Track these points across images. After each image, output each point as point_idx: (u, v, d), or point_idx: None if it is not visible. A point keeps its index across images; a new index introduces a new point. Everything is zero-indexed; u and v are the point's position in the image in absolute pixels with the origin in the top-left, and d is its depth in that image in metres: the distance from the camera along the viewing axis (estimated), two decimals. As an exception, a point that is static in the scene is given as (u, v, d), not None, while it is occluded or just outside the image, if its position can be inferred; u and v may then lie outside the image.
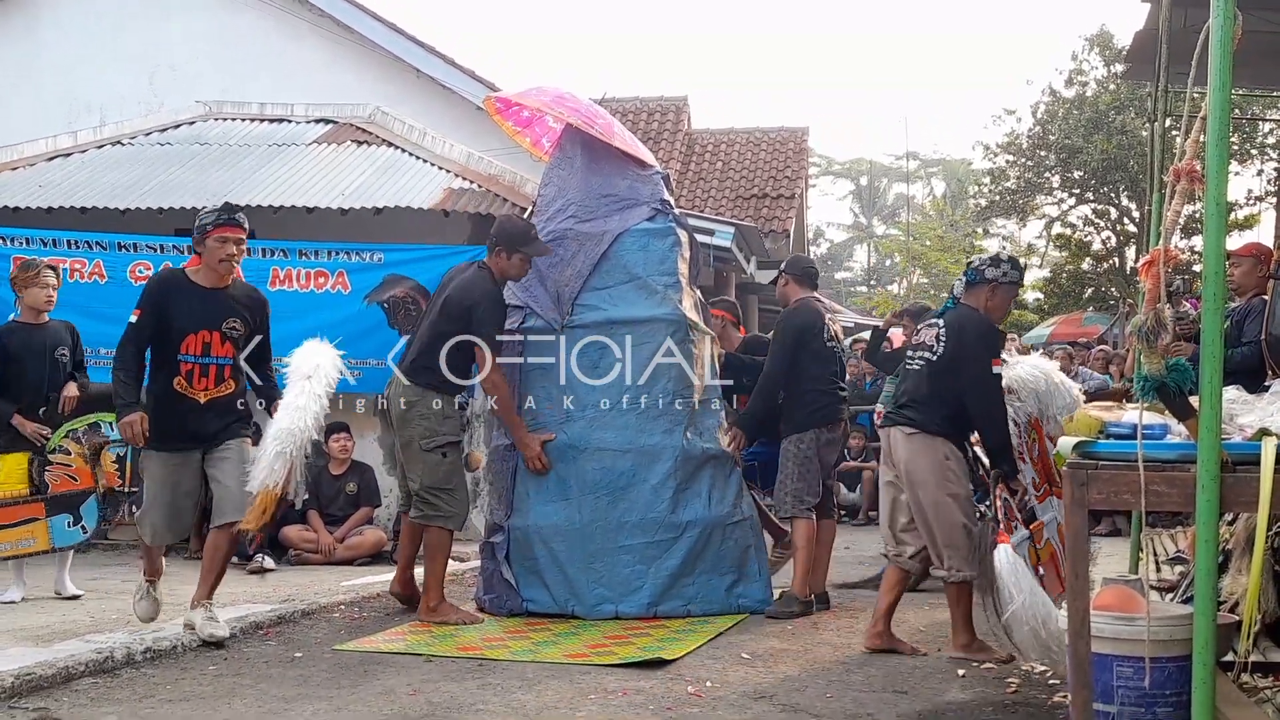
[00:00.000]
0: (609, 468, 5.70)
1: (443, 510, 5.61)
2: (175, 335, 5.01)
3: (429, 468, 5.62)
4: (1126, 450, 2.99)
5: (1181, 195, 2.97)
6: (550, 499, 5.73)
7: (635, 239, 5.99)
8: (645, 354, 5.80)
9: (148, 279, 6.02)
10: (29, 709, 3.93)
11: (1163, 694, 2.99)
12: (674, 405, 5.82)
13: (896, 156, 44.20)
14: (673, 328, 5.88)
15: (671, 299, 5.94)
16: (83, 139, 10.05)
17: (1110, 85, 23.50)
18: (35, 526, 5.85)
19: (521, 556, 5.74)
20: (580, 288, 5.91)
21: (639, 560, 5.62)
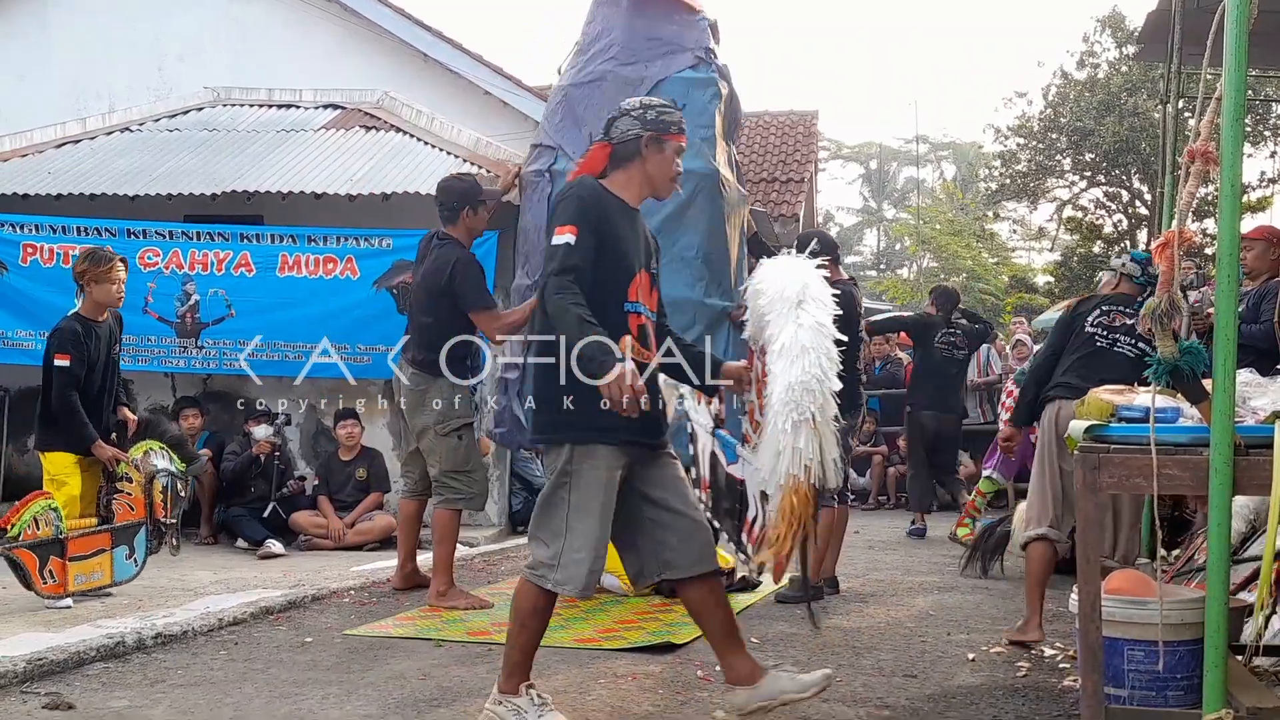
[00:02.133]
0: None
1: (463, 492, 5.69)
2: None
3: (447, 452, 5.66)
4: (1139, 434, 2.97)
5: (1196, 177, 2.95)
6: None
7: (676, 87, 5.71)
8: (673, 205, 5.50)
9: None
10: (40, 693, 3.94)
11: (1174, 677, 2.98)
12: (698, 260, 5.65)
13: (906, 140, 44.07)
14: (703, 182, 5.64)
15: (705, 154, 5.69)
16: (91, 126, 10.07)
17: (1122, 67, 23.35)
18: (103, 559, 5.59)
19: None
20: None
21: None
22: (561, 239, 3.37)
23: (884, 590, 6.38)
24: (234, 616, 5.22)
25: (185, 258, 8.30)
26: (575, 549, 3.40)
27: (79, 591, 5.46)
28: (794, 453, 3.17)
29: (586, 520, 3.41)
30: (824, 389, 3.19)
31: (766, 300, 3.39)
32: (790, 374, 3.21)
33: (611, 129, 3.59)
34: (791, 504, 3.18)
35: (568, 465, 3.42)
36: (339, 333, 8.03)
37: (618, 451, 3.43)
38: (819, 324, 3.28)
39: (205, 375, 8.71)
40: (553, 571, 3.43)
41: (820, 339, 3.24)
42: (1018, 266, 31.23)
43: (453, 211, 5.70)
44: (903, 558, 7.93)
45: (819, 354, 3.23)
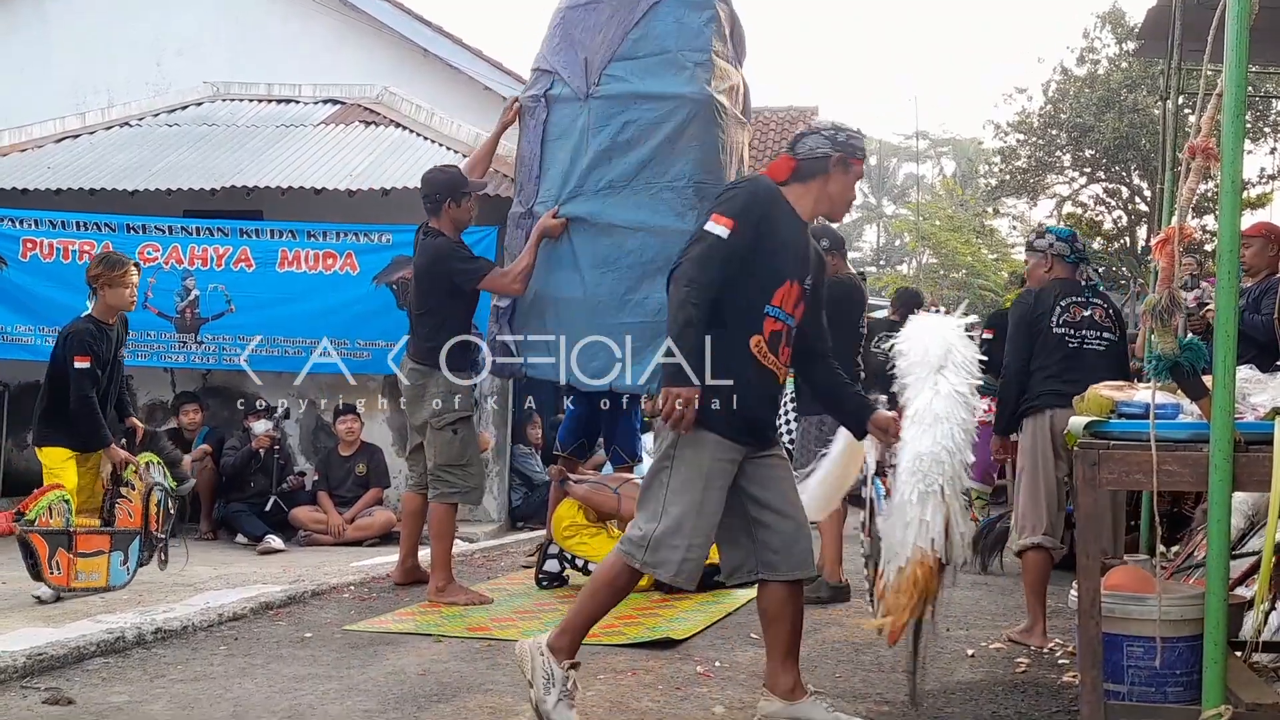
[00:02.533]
0: (618, 244, 5.38)
1: (458, 486, 5.69)
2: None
3: (443, 445, 5.68)
4: (1139, 430, 2.97)
5: (1197, 173, 2.94)
6: (559, 268, 5.51)
7: (670, 9, 5.56)
8: (664, 132, 5.40)
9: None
10: (40, 688, 3.94)
11: (1173, 673, 2.98)
12: (689, 189, 5.39)
13: (906, 136, 44.03)
14: (696, 108, 5.42)
15: (700, 78, 5.48)
16: (90, 120, 10.06)
17: (1122, 63, 23.33)
18: (101, 561, 5.60)
19: (526, 322, 5.58)
20: (610, 56, 5.52)
21: (637, 340, 5.31)
22: (716, 229, 3.40)
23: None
24: (234, 612, 5.22)
25: (185, 253, 8.30)
26: (670, 533, 3.38)
27: (80, 589, 5.46)
28: (921, 525, 3.09)
29: (684, 505, 3.38)
30: (955, 461, 3.09)
31: (908, 362, 3.28)
32: (921, 443, 3.12)
33: (798, 144, 3.61)
34: (916, 576, 3.12)
35: (671, 448, 3.42)
36: (339, 328, 8.03)
37: (725, 443, 3.40)
38: (957, 392, 3.17)
39: (205, 370, 8.72)
40: (642, 552, 3.42)
41: (956, 408, 3.14)
42: (1017, 263, 31.15)
43: (436, 203, 5.74)
44: (902, 554, 7.92)
45: (953, 424, 3.12)
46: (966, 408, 3.12)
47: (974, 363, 3.23)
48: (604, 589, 3.52)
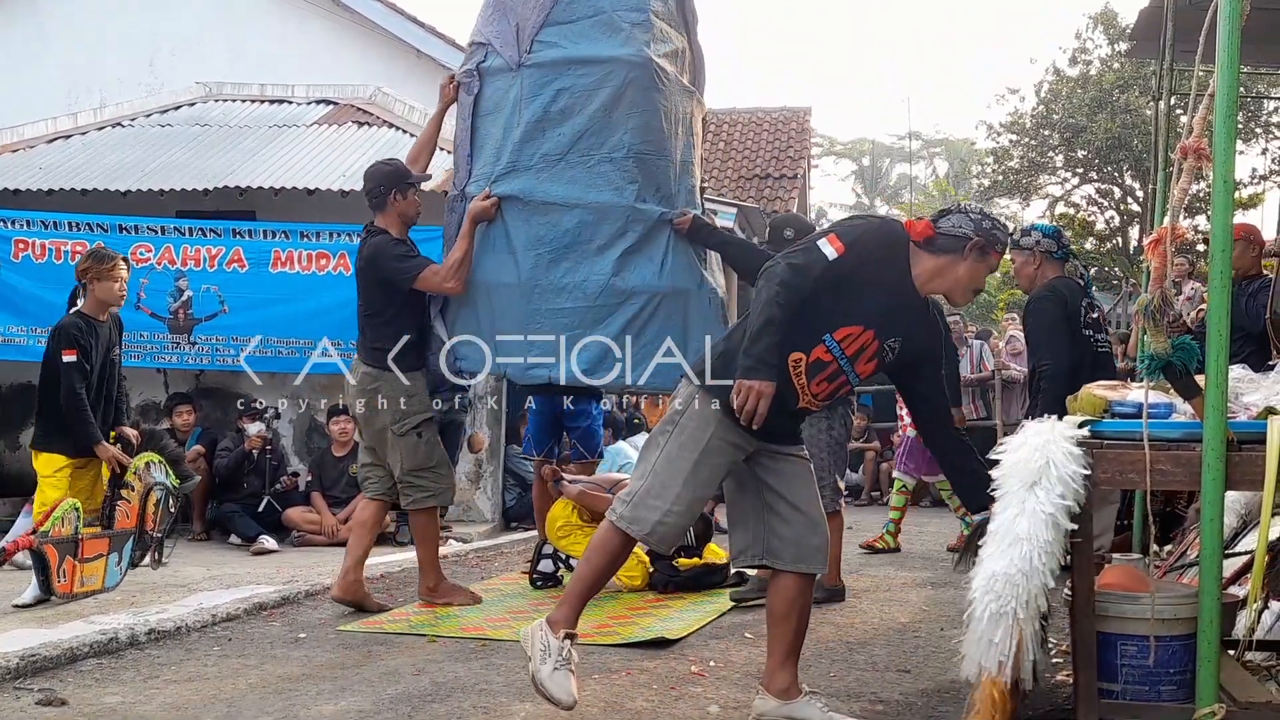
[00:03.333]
0: (553, 223, 5.14)
1: (430, 489, 5.47)
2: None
3: (408, 451, 5.41)
4: (1132, 429, 2.97)
5: (1189, 173, 2.95)
6: (492, 250, 5.27)
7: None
8: (600, 100, 5.11)
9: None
10: (34, 689, 3.93)
11: (1167, 672, 2.98)
12: (629, 161, 5.12)
13: (899, 136, 44.10)
14: (634, 71, 5.11)
15: (637, 39, 5.18)
16: (83, 120, 10.04)
17: (1114, 64, 23.40)
18: (99, 564, 5.58)
19: (458, 314, 5.35)
20: (542, 21, 5.23)
21: (578, 325, 5.11)
22: (826, 248, 3.30)
23: (878, 586, 6.39)
24: (227, 612, 5.22)
25: (178, 253, 8.28)
26: (653, 494, 3.39)
27: (80, 593, 5.45)
28: (990, 646, 2.92)
29: (673, 470, 3.39)
30: (1031, 584, 2.87)
31: (1002, 473, 3.05)
32: (997, 563, 2.92)
33: (943, 219, 3.46)
34: (992, 697, 2.90)
35: (677, 415, 3.45)
36: (332, 329, 8.02)
37: (733, 426, 3.36)
38: (1044, 513, 2.90)
39: (198, 371, 8.71)
40: (623, 506, 3.44)
41: (1041, 529, 2.89)
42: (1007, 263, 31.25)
43: (380, 198, 5.45)
44: (895, 555, 7.94)
45: (1033, 547, 2.88)
46: (1053, 528, 2.90)
47: (1076, 479, 2.94)
48: (596, 552, 3.52)
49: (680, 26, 5.48)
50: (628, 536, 3.47)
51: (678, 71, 5.34)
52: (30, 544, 5.22)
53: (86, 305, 5.81)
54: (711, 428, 3.39)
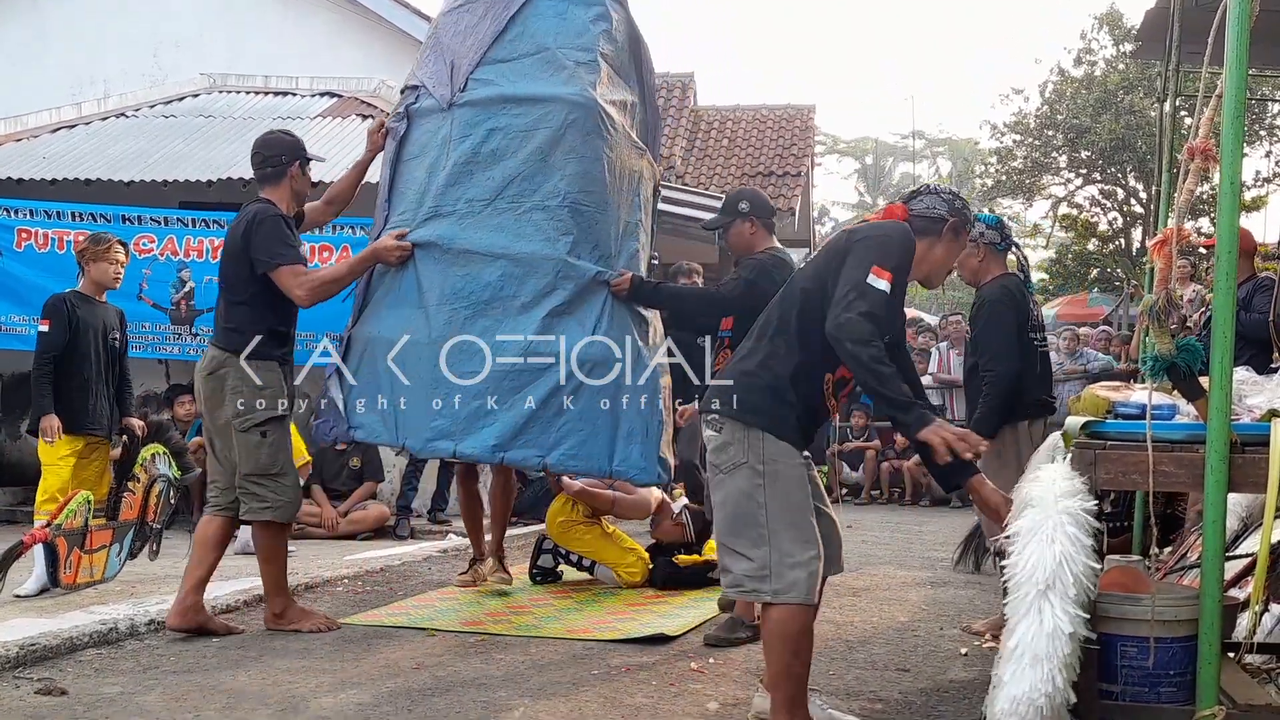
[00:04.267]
0: (473, 275, 4.65)
1: (268, 500, 4.69)
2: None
3: (248, 451, 4.68)
4: (1135, 430, 2.97)
5: (1195, 174, 2.95)
6: (401, 304, 4.76)
7: (551, 3, 4.89)
8: (536, 142, 4.69)
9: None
10: (33, 679, 3.94)
11: (1167, 674, 2.97)
12: (564, 210, 4.67)
13: (902, 135, 44.16)
14: (575, 112, 4.70)
15: (582, 79, 4.76)
16: (87, 111, 10.05)
17: (1119, 65, 23.40)
18: (102, 554, 5.60)
19: (358, 373, 4.83)
20: (479, 60, 4.81)
21: (492, 393, 4.58)
22: (880, 284, 3.13)
23: (877, 585, 6.39)
24: (227, 604, 5.22)
25: (180, 244, 8.29)
26: (787, 553, 3.12)
27: (83, 584, 5.46)
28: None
29: (794, 519, 3.16)
30: (1053, 705, 2.80)
31: (1014, 582, 2.93)
32: (1019, 685, 2.81)
33: (914, 200, 3.42)
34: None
35: (759, 464, 3.17)
36: (335, 321, 8.01)
37: (795, 450, 3.24)
38: (1059, 630, 2.80)
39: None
40: (765, 583, 3.13)
41: (1059, 645, 2.79)
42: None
43: (281, 168, 4.81)
44: (896, 552, 7.94)
45: (1054, 665, 2.79)
46: (1075, 638, 2.82)
47: (1088, 577, 2.88)
48: (786, 644, 3.17)
49: (632, 79, 5.07)
50: (800, 608, 3.18)
51: (626, 124, 4.92)
52: (45, 537, 5.23)
53: (83, 285, 5.88)
54: (797, 460, 3.23)
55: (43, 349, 5.72)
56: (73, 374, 5.74)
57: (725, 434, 3.23)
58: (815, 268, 3.35)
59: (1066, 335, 12.05)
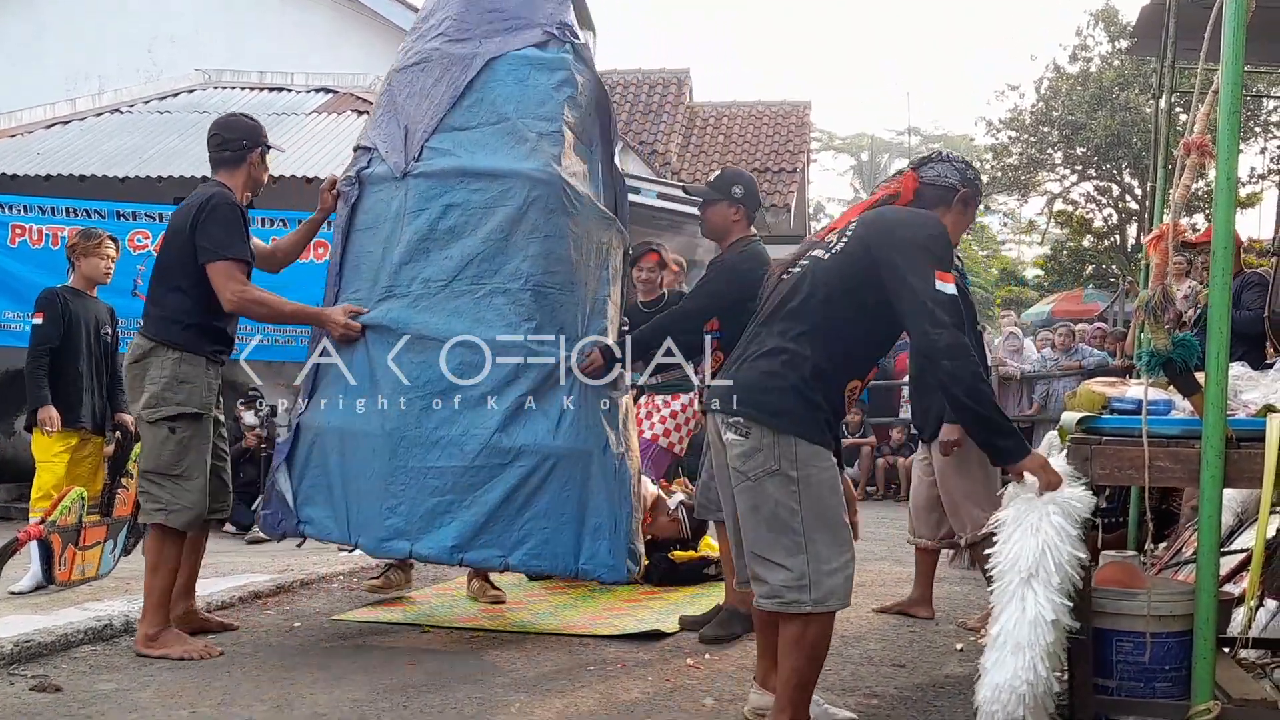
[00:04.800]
0: (429, 363, 4.38)
1: (163, 501, 4.33)
2: None
3: (152, 445, 4.36)
4: (1130, 425, 2.97)
5: (1191, 170, 2.95)
6: (353, 395, 4.47)
7: (512, 68, 4.61)
8: (497, 220, 4.44)
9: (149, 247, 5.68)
10: (28, 675, 3.93)
11: (1162, 669, 2.98)
12: (526, 294, 4.43)
13: (898, 132, 44.18)
14: (538, 189, 4.46)
15: (546, 152, 4.52)
16: (81, 107, 10.04)
17: (1114, 61, 23.39)
18: (96, 551, 5.57)
19: (307, 464, 4.52)
20: (435, 126, 4.57)
21: (451, 489, 4.31)
22: (948, 289, 2.98)
23: (872, 581, 6.39)
24: (222, 601, 5.22)
25: (175, 241, 8.27)
26: (823, 559, 3.03)
27: (77, 581, 5.45)
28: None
29: (829, 524, 3.07)
30: (1037, 693, 2.77)
31: (998, 570, 2.92)
32: (1001, 673, 2.79)
33: (924, 167, 3.31)
34: None
35: (793, 469, 3.05)
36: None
37: (826, 450, 3.14)
38: (1042, 617, 2.78)
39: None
40: (805, 592, 3.04)
41: (1041, 633, 2.78)
42: (1007, 260, 31.30)
43: (240, 152, 4.57)
44: (891, 548, 7.94)
45: (1036, 654, 2.77)
46: (1059, 626, 2.80)
47: (1073, 566, 2.84)
48: (811, 650, 3.10)
49: (596, 143, 4.85)
50: (817, 616, 3.09)
51: (592, 195, 4.69)
52: (40, 533, 5.22)
53: (74, 280, 5.88)
54: (823, 461, 3.11)
55: (37, 342, 5.71)
56: (66, 369, 5.73)
57: (753, 439, 3.08)
58: (839, 264, 3.15)
59: (1062, 331, 12.06)
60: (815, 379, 3.10)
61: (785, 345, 3.12)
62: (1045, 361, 11.71)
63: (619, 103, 19.71)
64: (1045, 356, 11.79)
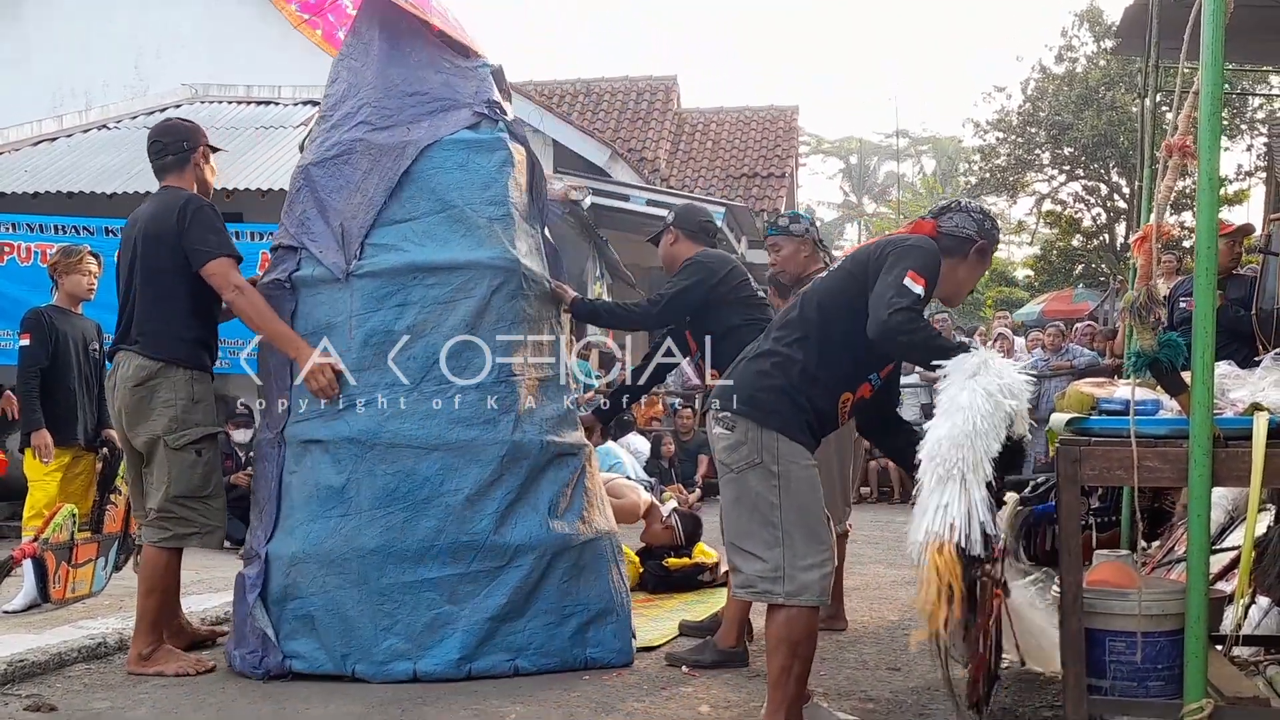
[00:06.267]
0: (407, 472, 4.19)
1: (196, 524, 4.34)
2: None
3: (180, 471, 4.31)
4: (1119, 426, 2.98)
5: (1174, 170, 2.97)
6: (327, 514, 4.23)
7: (450, 153, 4.46)
8: (461, 313, 4.30)
9: None
10: (22, 695, 3.92)
11: (1155, 668, 2.99)
12: (500, 386, 4.32)
13: (886, 134, 44.26)
14: (500, 277, 4.36)
15: (500, 237, 4.41)
16: (68, 123, 10.03)
17: (1100, 61, 23.50)
18: (89, 569, 5.55)
19: (285, 596, 4.22)
20: (373, 221, 4.37)
21: (448, 599, 4.15)
22: (916, 288, 3.06)
23: (867, 585, 6.40)
24: (216, 616, 5.20)
25: (164, 256, 8.25)
26: (800, 555, 3.10)
27: (71, 599, 5.43)
28: (938, 511, 2.82)
29: (807, 520, 3.14)
30: (977, 445, 2.82)
31: (945, 374, 3.00)
32: (940, 429, 2.89)
33: (944, 216, 3.34)
34: (936, 565, 2.78)
35: (774, 464, 3.14)
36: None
37: (806, 449, 3.21)
38: (987, 391, 2.87)
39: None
40: (778, 584, 3.11)
41: (981, 400, 2.86)
42: (997, 260, 31.28)
43: (184, 154, 4.51)
44: (885, 551, 7.95)
45: (975, 414, 2.85)
46: (992, 401, 2.86)
47: (1011, 373, 2.94)
48: (791, 648, 3.13)
49: (534, 213, 4.73)
50: (808, 611, 3.14)
51: (543, 270, 4.64)
52: (34, 551, 5.21)
53: (58, 299, 5.88)
54: (804, 459, 3.19)
55: (26, 363, 5.70)
56: (57, 389, 5.71)
57: (738, 433, 3.20)
58: (838, 280, 3.28)
59: (1052, 332, 12.10)
60: (803, 382, 3.21)
61: (778, 349, 3.26)
62: (1036, 362, 11.74)
63: (607, 111, 19.73)
64: (1036, 357, 11.83)
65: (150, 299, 4.35)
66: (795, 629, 3.12)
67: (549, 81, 20.78)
